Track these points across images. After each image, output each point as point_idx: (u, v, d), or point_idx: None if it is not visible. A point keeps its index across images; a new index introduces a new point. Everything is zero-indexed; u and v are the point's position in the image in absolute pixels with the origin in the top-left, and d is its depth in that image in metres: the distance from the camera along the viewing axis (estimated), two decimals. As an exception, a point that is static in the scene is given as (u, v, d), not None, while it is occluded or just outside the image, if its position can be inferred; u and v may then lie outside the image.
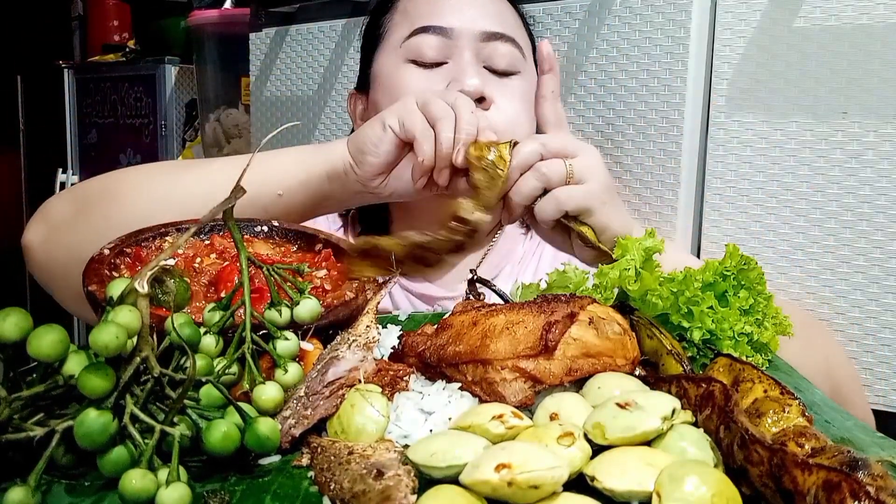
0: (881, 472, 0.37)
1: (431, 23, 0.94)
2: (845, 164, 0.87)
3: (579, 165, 0.79)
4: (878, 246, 0.86)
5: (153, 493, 0.41)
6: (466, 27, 0.93)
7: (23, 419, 0.44)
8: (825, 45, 0.87)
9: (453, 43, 0.93)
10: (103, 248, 0.66)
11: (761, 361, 0.63)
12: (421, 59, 0.94)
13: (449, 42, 0.93)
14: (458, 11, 0.94)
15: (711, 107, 0.95)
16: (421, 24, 0.94)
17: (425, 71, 0.94)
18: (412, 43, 0.94)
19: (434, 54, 0.93)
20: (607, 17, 1.01)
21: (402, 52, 0.95)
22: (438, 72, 0.93)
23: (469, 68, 0.92)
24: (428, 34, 0.93)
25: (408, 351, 0.55)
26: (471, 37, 0.93)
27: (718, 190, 0.95)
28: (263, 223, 0.75)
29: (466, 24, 0.93)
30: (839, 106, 0.87)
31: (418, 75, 0.94)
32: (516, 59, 0.95)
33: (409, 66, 0.95)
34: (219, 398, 0.49)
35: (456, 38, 0.93)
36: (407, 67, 0.95)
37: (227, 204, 0.54)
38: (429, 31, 0.93)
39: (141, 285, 0.46)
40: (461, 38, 0.93)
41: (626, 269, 0.62)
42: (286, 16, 1.37)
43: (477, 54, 0.93)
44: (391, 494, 0.39)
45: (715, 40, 0.94)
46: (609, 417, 0.43)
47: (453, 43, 0.93)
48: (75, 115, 2.73)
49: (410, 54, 0.94)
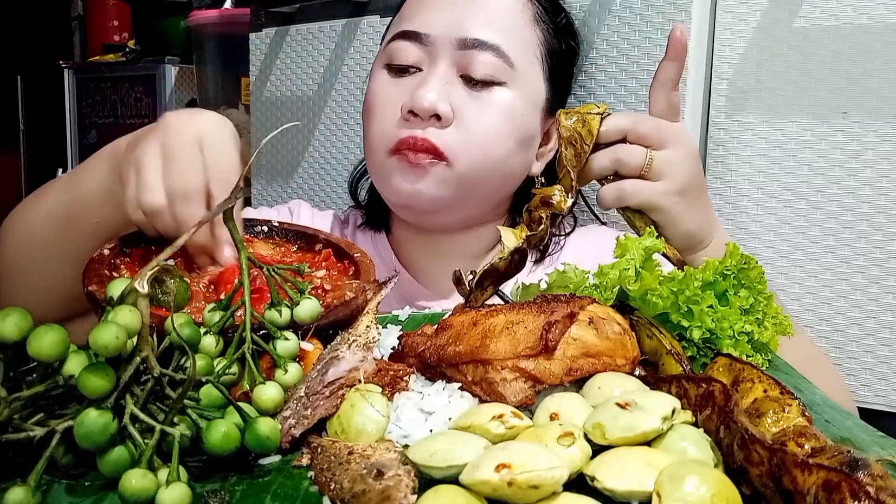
0: (881, 472, 0.37)
1: (410, 27, 0.90)
2: (845, 164, 0.87)
3: (663, 159, 0.75)
4: (878, 246, 0.86)
5: (153, 493, 0.41)
6: (444, 33, 0.88)
7: (23, 419, 0.44)
8: (825, 45, 0.87)
9: (429, 49, 0.89)
10: (103, 248, 0.66)
11: (761, 361, 0.63)
12: (394, 65, 0.91)
13: (424, 49, 0.89)
14: (441, 14, 0.89)
15: (711, 107, 0.95)
16: (402, 27, 0.92)
17: (394, 79, 0.91)
18: (390, 48, 0.92)
19: (409, 60, 0.90)
20: (607, 17, 1.01)
21: (383, 57, 0.93)
22: (407, 80, 0.90)
23: (430, 81, 0.87)
24: (404, 40, 0.90)
25: (408, 351, 0.55)
26: (447, 44, 0.88)
27: (718, 190, 0.95)
28: (263, 223, 0.75)
29: (444, 30, 0.88)
30: (839, 106, 0.87)
31: (386, 84, 0.91)
32: (498, 69, 0.88)
33: (383, 72, 0.92)
34: (219, 398, 0.49)
35: (431, 44, 0.89)
36: (381, 74, 0.92)
37: (228, 204, 0.54)
38: (405, 37, 0.90)
39: (141, 285, 0.46)
40: (436, 45, 0.88)
41: (626, 268, 0.62)
42: (286, 16, 1.37)
43: (454, 63, 0.88)
44: (391, 494, 0.39)
45: (715, 40, 0.94)
46: (609, 417, 0.43)
47: (429, 49, 0.89)
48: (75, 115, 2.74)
49: (387, 59, 0.92)
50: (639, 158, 0.74)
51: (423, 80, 0.88)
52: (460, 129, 0.87)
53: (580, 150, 0.71)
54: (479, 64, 0.87)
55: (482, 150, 0.87)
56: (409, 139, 0.86)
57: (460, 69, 0.88)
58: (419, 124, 0.87)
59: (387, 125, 0.89)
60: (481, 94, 0.88)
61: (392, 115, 0.89)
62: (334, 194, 1.34)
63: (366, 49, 1.26)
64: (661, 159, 0.75)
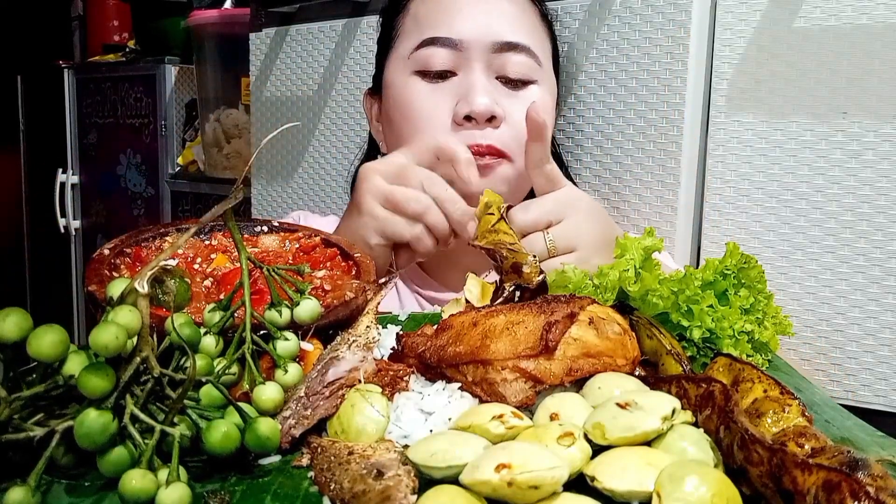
0: (881, 472, 0.37)
1: (440, 34, 0.91)
2: (845, 164, 0.87)
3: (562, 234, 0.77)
4: (878, 246, 0.86)
5: (153, 493, 0.41)
6: (477, 38, 0.90)
7: (23, 419, 0.44)
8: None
9: (463, 55, 0.90)
10: (103, 248, 0.66)
11: (761, 361, 0.63)
12: (428, 71, 0.91)
13: (458, 54, 0.90)
14: (470, 19, 0.91)
15: (711, 107, 0.95)
16: (430, 34, 0.91)
17: (431, 84, 0.91)
18: (420, 55, 0.91)
19: (442, 66, 0.91)
20: (607, 17, 1.01)
21: (411, 64, 0.93)
22: (446, 85, 0.91)
23: (478, 85, 0.89)
24: (436, 46, 0.90)
25: (408, 351, 0.55)
26: (481, 48, 0.90)
27: (718, 190, 0.95)
28: (263, 223, 0.75)
29: (477, 35, 0.90)
30: (839, 106, 0.87)
31: (426, 91, 0.91)
32: (531, 68, 0.91)
33: (416, 79, 0.92)
34: (219, 398, 0.49)
35: (465, 49, 0.90)
36: (414, 81, 0.92)
37: (228, 204, 0.54)
38: (437, 43, 0.90)
39: (141, 285, 0.46)
40: (470, 50, 0.90)
41: (626, 269, 0.62)
42: (286, 16, 1.37)
43: (489, 65, 0.90)
44: (391, 494, 0.39)
45: (715, 40, 0.94)
46: (609, 417, 0.43)
47: (463, 55, 0.90)
48: (75, 115, 2.73)
49: (418, 66, 0.92)
50: (539, 245, 0.76)
51: (470, 86, 0.89)
52: (511, 127, 0.90)
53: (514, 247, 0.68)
54: (514, 65, 0.91)
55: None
56: (473, 147, 0.87)
57: (495, 71, 0.91)
58: (476, 128, 0.89)
59: (438, 132, 0.89)
60: (519, 93, 0.92)
61: (441, 121, 0.90)
62: (334, 194, 1.34)
63: (366, 49, 1.26)
64: (561, 236, 0.77)
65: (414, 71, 0.92)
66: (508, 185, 0.91)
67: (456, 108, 0.89)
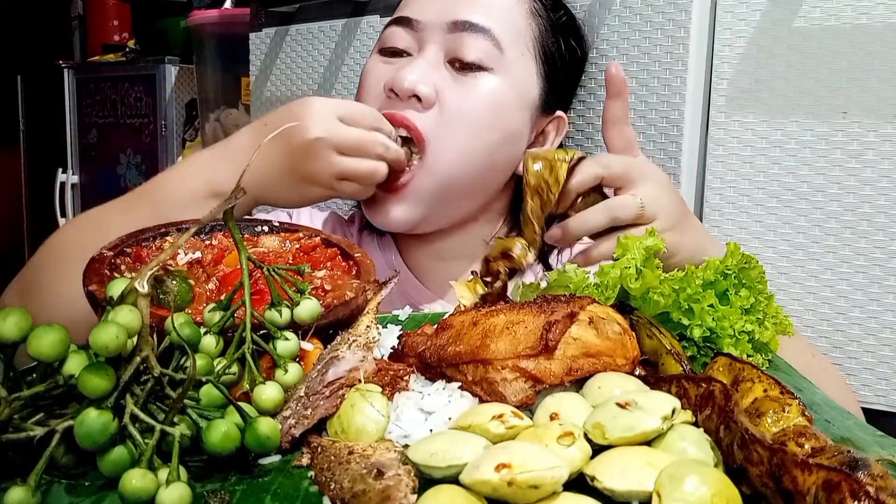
0: (881, 471, 0.37)
1: (402, 13, 0.92)
2: (845, 164, 0.87)
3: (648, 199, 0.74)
4: (878, 246, 0.86)
5: (153, 493, 0.41)
6: (435, 18, 0.89)
7: (23, 419, 0.44)
8: (825, 45, 0.87)
9: (420, 35, 0.90)
10: (103, 249, 0.66)
11: (761, 361, 0.63)
12: (386, 49, 0.92)
13: (415, 34, 0.90)
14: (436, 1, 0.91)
15: (711, 107, 0.95)
16: (396, 14, 0.94)
17: (386, 63, 0.92)
18: (383, 35, 0.94)
19: (398, 45, 0.91)
20: (607, 17, 1.01)
21: (378, 44, 0.95)
22: (400, 62, 0.91)
23: (416, 63, 0.88)
24: (396, 26, 0.92)
25: (408, 351, 0.55)
26: (438, 28, 0.89)
27: (718, 190, 0.95)
28: (263, 223, 0.75)
29: (435, 15, 0.89)
30: (839, 106, 0.87)
31: (379, 67, 0.92)
32: (487, 53, 0.87)
33: (377, 57, 0.94)
34: (219, 398, 0.49)
35: (422, 30, 0.90)
36: (374, 60, 0.94)
37: (228, 204, 0.54)
38: (398, 23, 0.92)
39: (141, 285, 0.46)
40: (426, 31, 0.89)
41: (627, 267, 0.62)
42: (286, 16, 1.37)
43: (443, 46, 0.89)
44: (391, 494, 0.39)
45: (715, 40, 0.94)
46: (609, 417, 0.43)
47: (420, 35, 0.90)
48: (75, 115, 2.74)
49: (380, 45, 0.94)
50: (633, 209, 0.74)
51: (408, 62, 0.89)
52: (443, 114, 0.87)
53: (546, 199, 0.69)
54: (468, 47, 0.87)
55: (461, 136, 0.87)
56: (388, 115, 0.86)
57: (449, 53, 0.89)
58: (399, 104, 0.88)
59: (372, 103, 0.90)
60: (467, 78, 0.88)
61: (378, 94, 0.90)
62: (334, 194, 1.34)
63: (366, 49, 1.26)
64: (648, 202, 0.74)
65: (377, 50, 0.94)
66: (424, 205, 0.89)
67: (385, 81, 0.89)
